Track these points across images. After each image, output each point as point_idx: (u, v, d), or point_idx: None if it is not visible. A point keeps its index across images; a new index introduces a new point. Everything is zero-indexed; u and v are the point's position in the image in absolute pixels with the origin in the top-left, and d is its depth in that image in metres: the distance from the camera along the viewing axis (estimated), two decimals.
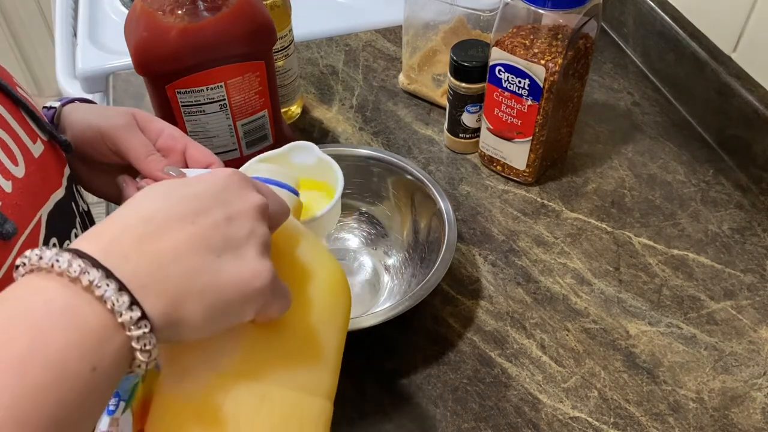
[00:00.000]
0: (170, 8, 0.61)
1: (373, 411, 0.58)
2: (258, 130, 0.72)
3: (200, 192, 0.34)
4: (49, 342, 0.28)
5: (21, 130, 0.47)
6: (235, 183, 0.36)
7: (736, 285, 0.66)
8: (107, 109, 0.57)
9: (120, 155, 0.54)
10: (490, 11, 0.78)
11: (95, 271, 0.29)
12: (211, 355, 0.36)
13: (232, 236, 0.33)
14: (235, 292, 0.33)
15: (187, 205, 0.33)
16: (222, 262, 0.33)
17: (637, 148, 0.80)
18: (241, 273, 0.33)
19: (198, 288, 0.32)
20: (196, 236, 0.32)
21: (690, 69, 0.82)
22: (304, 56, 0.94)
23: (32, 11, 2.02)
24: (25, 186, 0.45)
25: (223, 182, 0.35)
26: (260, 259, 0.34)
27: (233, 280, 0.33)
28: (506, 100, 0.70)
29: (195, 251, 0.32)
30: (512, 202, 0.75)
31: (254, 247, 0.34)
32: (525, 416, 0.57)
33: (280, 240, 0.40)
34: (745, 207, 0.73)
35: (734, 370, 0.60)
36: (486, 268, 0.68)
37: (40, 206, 0.47)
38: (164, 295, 0.31)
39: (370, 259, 0.70)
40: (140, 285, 0.30)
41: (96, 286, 0.29)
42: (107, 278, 0.29)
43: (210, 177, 0.36)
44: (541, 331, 0.63)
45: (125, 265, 0.30)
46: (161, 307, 0.31)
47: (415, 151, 0.81)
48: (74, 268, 0.29)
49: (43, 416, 0.27)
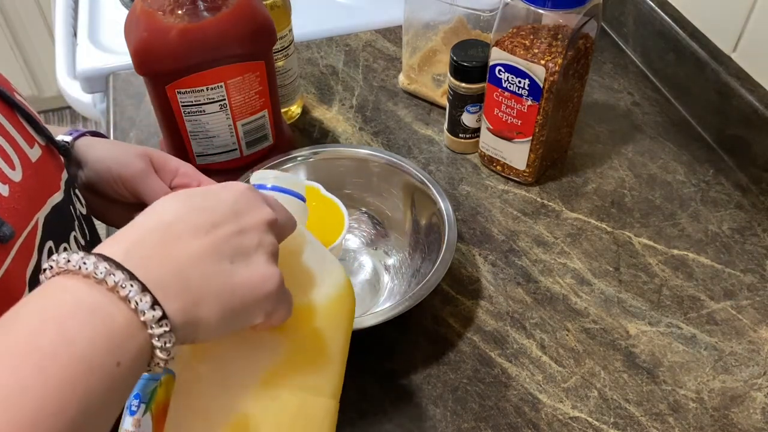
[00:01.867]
0: (170, 8, 0.61)
1: (373, 411, 0.58)
2: (258, 130, 0.72)
3: (215, 205, 0.37)
4: (78, 337, 0.30)
5: (18, 135, 0.48)
6: (247, 198, 0.38)
7: (736, 285, 0.66)
8: (124, 151, 0.59)
9: (138, 198, 0.58)
10: (490, 11, 0.78)
11: (120, 273, 0.31)
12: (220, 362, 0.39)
13: (243, 246, 0.36)
14: (247, 293, 0.36)
15: (204, 216, 0.36)
16: (235, 268, 0.35)
17: (637, 148, 0.80)
18: (252, 277, 0.36)
19: (214, 290, 0.34)
20: (211, 245, 0.35)
21: (690, 69, 0.82)
22: (304, 56, 0.94)
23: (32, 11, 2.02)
24: (23, 190, 0.46)
25: (235, 197, 0.38)
26: (269, 266, 0.37)
27: (245, 283, 0.36)
28: (506, 100, 0.70)
29: (210, 258, 0.35)
30: (512, 202, 0.75)
31: (263, 255, 0.37)
32: (525, 416, 0.57)
33: (287, 248, 0.41)
34: (745, 207, 0.73)
35: (734, 370, 0.60)
36: (486, 268, 0.68)
37: (38, 210, 0.47)
38: (183, 296, 0.33)
39: (370, 259, 0.70)
40: (161, 287, 0.32)
41: (120, 287, 0.31)
42: (131, 279, 0.31)
43: (224, 191, 0.38)
44: (541, 331, 0.63)
45: (147, 268, 0.33)
46: (180, 307, 0.33)
47: (415, 151, 0.81)
48: (100, 270, 0.31)
49: (72, 408, 0.28)
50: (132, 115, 0.86)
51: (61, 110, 2.29)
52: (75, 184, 0.56)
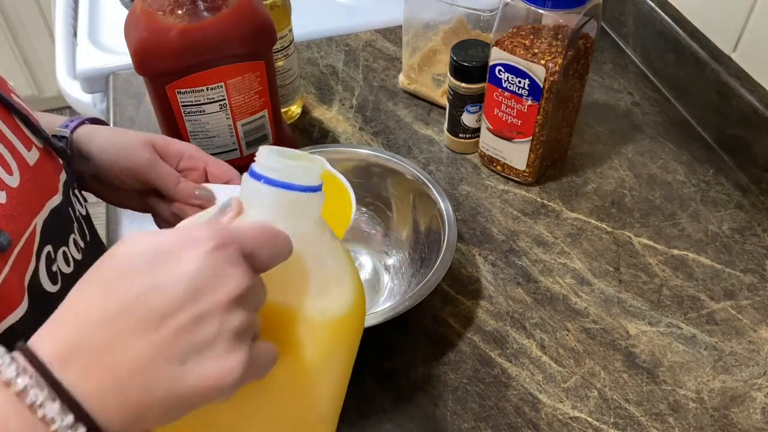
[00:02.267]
0: (170, 8, 0.61)
1: (373, 411, 0.58)
2: (258, 130, 0.72)
3: (170, 282, 0.31)
4: None
5: (15, 138, 0.47)
6: (212, 267, 0.31)
7: (736, 285, 0.66)
8: (127, 141, 0.58)
9: (149, 186, 0.57)
10: (490, 11, 0.78)
11: (41, 391, 0.28)
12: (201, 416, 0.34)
13: (197, 340, 0.31)
14: (199, 396, 0.31)
15: (154, 302, 0.30)
16: (186, 369, 0.30)
17: (637, 148, 0.81)
18: (207, 377, 0.31)
19: (159, 397, 0.30)
20: (159, 346, 0.30)
21: (690, 69, 0.82)
22: (304, 56, 0.94)
23: (32, 11, 2.02)
24: (20, 195, 0.45)
25: (197, 268, 0.31)
26: (229, 355, 0.31)
27: (197, 386, 0.31)
28: (506, 100, 0.70)
29: (157, 363, 0.30)
30: (512, 202, 0.75)
31: (224, 343, 0.31)
32: (525, 416, 0.57)
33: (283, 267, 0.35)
34: (745, 207, 0.73)
35: (734, 370, 0.60)
36: (486, 268, 0.68)
37: (36, 214, 0.47)
38: (124, 409, 0.30)
39: (370, 259, 0.70)
40: (98, 402, 0.29)
41: (39, 407, 0.28)
42: (56, 399, 0.29)
43: (184, 260, 0.31)
44: (541, 331, 0.63)
45: (86, 380, 0.29)
46: (120, 421, 0.30)
47: (415, 151, 0.81)
48: (19, 383, 0.28)
49: None
50: (132, 115, 0.86)
51: (61, 110, 2.29)
52: (74, 185, 0.56)
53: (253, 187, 0.36)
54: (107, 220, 0.74)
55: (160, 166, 0.57)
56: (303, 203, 0.37)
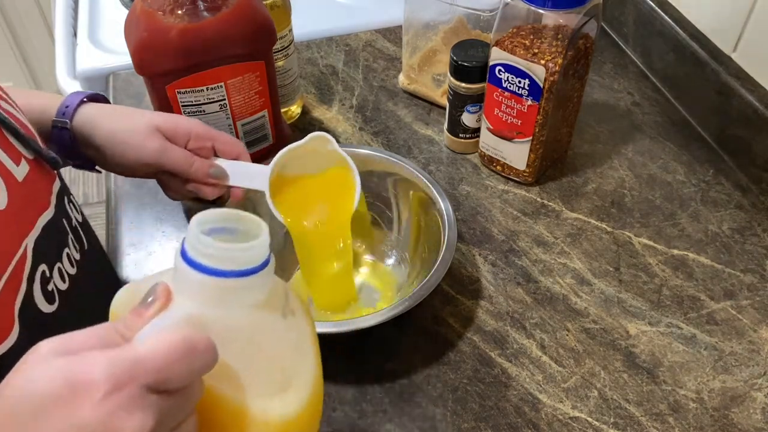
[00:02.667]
0: (170, 8, 0.61)
1: (373, 411, 0.58)
2: (258, 130, 0.72)
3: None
4: None
5: (3, 154, 0.44)
6: (101, 419, 0.27)
7: (736, 285, 0.66)
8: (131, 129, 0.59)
9: (160, 170, 0.59)
10: (490, 11, 0.78)
11: None
12: None
13: None
14: None
15: None
16: None
17: (637, 148, 0.81)
18: None
19: None
20: None
21: (690, 69, 0.82)
22: (304, 56, 0.94)
23: (32, 11, 2.02)
24: (8, 217, 0.43)
25: (82, 421, 0.27)
26: None
27: None
28: (506, 100, 0.70)
29: None
30: (512, 202, 0.75)
31: None
32: (525, 416, 0.57)
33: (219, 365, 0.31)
34: (745, 207, 0.73)
35: (734, 370, 0.60)
36: (486, 268, 0.68)
37: (25, 235, 0.45)
38: None
39: (370, 259, 0.70)
40: None
41: None
42: None
43: (69, 413, 0.27)
44: (541, 331, 0.63)
45: None
46: None
47: (415, 151, 0.81)
48: None
49: None
50: None
51: None
52: (69, 194, 0.54)
53: (182, 269, 0.32)
54: (107, 221, 0.74)
55: (171, 152, 0.58)
56: (241, 289, 0.32)
